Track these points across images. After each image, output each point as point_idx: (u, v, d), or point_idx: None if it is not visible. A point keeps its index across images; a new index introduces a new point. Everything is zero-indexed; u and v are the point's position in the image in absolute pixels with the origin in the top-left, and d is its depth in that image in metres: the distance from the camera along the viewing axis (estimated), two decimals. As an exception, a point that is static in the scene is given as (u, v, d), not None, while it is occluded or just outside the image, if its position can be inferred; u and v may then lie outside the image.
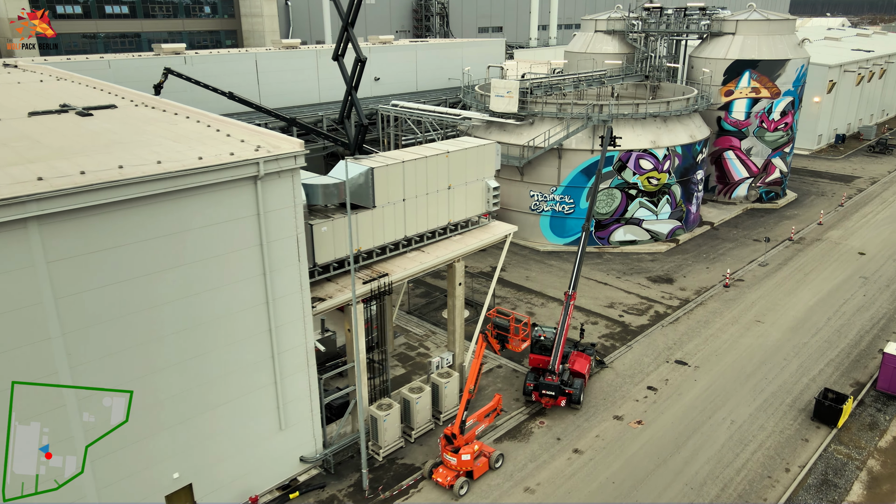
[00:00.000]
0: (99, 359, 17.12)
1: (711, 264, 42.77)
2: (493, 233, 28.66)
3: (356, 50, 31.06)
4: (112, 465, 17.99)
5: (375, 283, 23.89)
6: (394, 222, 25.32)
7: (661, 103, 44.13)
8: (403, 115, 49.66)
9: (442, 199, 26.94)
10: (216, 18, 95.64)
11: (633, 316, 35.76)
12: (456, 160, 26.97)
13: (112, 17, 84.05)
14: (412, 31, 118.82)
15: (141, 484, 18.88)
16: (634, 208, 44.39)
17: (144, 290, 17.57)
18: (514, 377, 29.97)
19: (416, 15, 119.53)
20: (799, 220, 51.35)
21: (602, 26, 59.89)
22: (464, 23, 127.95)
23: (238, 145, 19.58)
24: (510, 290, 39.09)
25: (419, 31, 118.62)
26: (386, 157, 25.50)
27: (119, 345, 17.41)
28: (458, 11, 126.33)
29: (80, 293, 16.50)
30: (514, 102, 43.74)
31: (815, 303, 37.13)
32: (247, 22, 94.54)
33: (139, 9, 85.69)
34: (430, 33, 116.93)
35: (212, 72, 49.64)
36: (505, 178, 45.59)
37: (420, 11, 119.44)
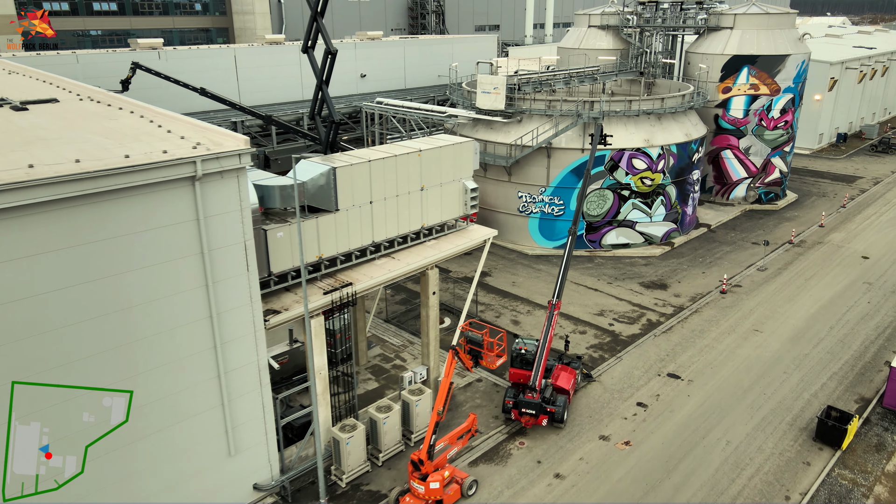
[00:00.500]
0: (6, 385, 15.11)
1: (708, 269, 40.76)
2: (470, 237, 26.67)
3: (326, 41, 29.09)
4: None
5: (337, 293, 21.90)
6: (360, 227, 23.31)
7: (655, 100, 42.11)
8: (388, 112, 47.71)
9: (414, 202, 24.93)
10: (207, 16, 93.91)
11: (624, 325, 33.74)
12: (429, 159, 24.97)
13: (101, 15, 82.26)
14: (408, 29, 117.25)
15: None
16: (627, 210, 42.37)
17: (63, 304, 15.55)
18: (495, 392, 27.96)
19: (412, 13, 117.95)
20: (799, 222, 49.35)
21: (596, 21, 57.91)
22: (460, 21, 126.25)
23: (176, 143, 17.56)
24: (495, 296, 37.07)
25: (415, 28, 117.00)
26: (351, 156, 23.49)
27: (32, 368, 15.39)
28: (455, 9, 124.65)
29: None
30: (501, 99, 41.74)
31: (817, 310, 35.12)
32: (239, 19, 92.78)
33: (128, 6, 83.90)
34: (426, 31, 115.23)
35: (188, 68, 47.69)
36: (492, 178, 43.66)
37: (416, 9, 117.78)
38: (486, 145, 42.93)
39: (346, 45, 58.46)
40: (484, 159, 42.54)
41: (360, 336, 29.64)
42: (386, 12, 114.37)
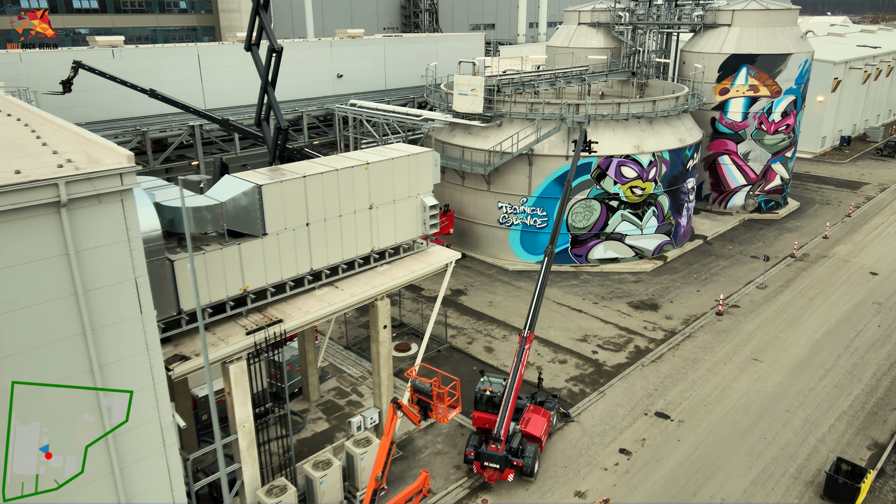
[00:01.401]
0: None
1: (703, 286, 37.49)
2: (430, 261, 23.38)
3: (269, 38, 25.82)
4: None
5: (263, 332, 18.63)
6: (294, 253, 20.03)
7: (645, 103, 38.82)
8: (361, 115, 44.45)
9: (362, 222, 21.66)
10: (193, 14, 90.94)
11: (610, 352, 30.47)
12: (379, 173, 21.70)
13: (81, 13, 79.20)
14: (400, 28, 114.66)
15: None
16: (616, 222, 39.10)
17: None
18: (460, 435, 24.70)
19: (405, 11, 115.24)
20: (802, 233, 46.09)
21: (586, 18, 54.64)
22: (454, 19, 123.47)
23: (44, 159, 14.26)
24: (469, 318, 33.80)
25: (408, 27, 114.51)
26: (283, 170, 20.19)
27: None
28: (449, 8, 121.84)
29: None
30: (479, 102, 38.47)
31: (822, 335, 31.85)
32: (225, 18, 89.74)
33: (110, 4, 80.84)
34: (420, 30, 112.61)
35: (145, 67, 44.43)
36: (470, 187, 40.42)
37: (409, 7, 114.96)
38: (464, 151, 39.71)
39: (322, 44, 55.28)
40: (461, 167, 39.33)
41: (311, 368, 26.39)
42: (378, 11, 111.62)
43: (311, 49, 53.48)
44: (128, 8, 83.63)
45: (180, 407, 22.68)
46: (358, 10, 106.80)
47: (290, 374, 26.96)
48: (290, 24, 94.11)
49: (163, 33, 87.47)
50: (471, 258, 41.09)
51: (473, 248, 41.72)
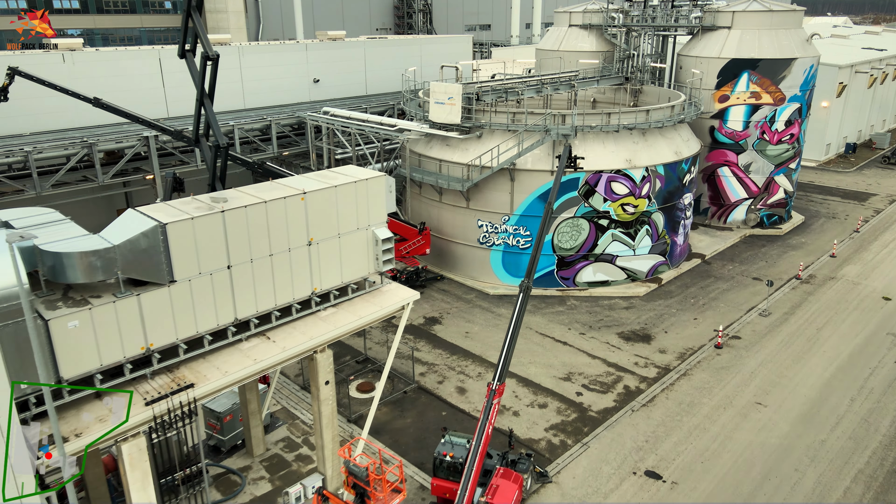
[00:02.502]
0: None
1: (701, 313, 34.31)
2: (382, 303, 20.16)
3: (203, 43, 22.63)
4: None
5: (166, 401, 15.44)
6: (213, 302, 16.83)
7: (638, 112, 35.61)
8: (333, 125, 41.32)
9: (299, 261, 18.46)
10: (178, 15, 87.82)
11: (596, 394, 27.27)
12: (320, 203, 18.50)
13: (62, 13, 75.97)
14: (394, 29, 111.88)
15: None
16: (606, 242, 35.91)
17: None
18: (420, 500, 21.51)
19: (398, 12, 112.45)
20: (807, 251, 42.91)
21: (577, 20, 51.48)
22: (449, 20, 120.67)
23: None
24: (442, 352, 30.60)
25: (401, 28, 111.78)
26: (197, 202, 16.98)
27: None
28: (444, 8, 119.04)
29: None
30: (457, 111, 35.28)
31: (833, 373, 28.67)
32: (212, 18, 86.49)
33: (91, 4, 77.77)
34: (413, 31, 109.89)
35: (100, 73, 41.23)
36: (448, 203, 37.25)
37: (402, 8, 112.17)
38: (441, 165, 36.54)
39: (296, 46, 52.07)
40: (437, 182, 36.16)
41: (254, 419, 23.17)
42: (370, 11, 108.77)
43: (283, 52, 50.28)
44: (110, 8, 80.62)
45: (90, 473, 19.53)
46: (349, 10, 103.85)
47: (231, 426, 23.79)
48: (279, 25, 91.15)
49: (147, 34, 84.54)
50: (449, 280, 37.90)
51: (452, 269, 38.54)
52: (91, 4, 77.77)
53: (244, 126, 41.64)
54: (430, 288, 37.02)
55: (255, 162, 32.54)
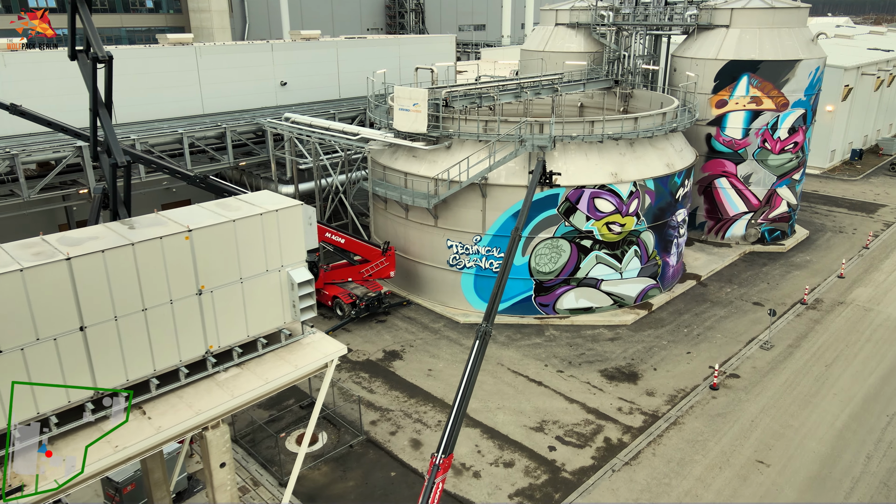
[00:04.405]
0: None
1: (694, 346, 30.61)
2: (298, 362, 16.38)
3: (92, 43, 18.96)
4: None
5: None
6: (59, 373, 13.11)
7: (625, 121, 31.89)
8: (293, 133, 37.69)
9: (186, 314, 14.73)
10: (161, 14, 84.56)
11: (572, 449, 23.55)
12: (213, 242, 14.78)
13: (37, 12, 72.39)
14: (385, 30, 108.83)
15: None
16: (589, 265, 32.20)
17: None
18: None
19: (390, 11, 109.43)
20: (813, 271, 39.20)
21: (564, 18, 47.78)
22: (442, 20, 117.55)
23: None
24: (399, 394, 26.86)
25: (393, 29, 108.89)
26: (40, 246, 13.24)
27: None
28: (437, 8, 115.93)
29: None
30: (423, 119, 31.59)
31: (845, 422, 24.96)
32: (195, 18, 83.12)
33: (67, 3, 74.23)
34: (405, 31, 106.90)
35: (41, 75, 37.51)
36: (415, 221, 33.57)
37: (393, 7, 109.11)
38: (407, 179, 32.86)
39: (261, 47, 48.29)
40: (401, 198, 32.48)
41: (159, 490, 19.41)
42: (361, 11, 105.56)
43: (246, 53, 46.52)
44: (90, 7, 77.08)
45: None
46: (339, 10, 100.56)
47: (134, 496, 20.11)
48: (266, 25, 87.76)
49: (128, 34, 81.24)
50: (416, 306, 34.19)
51: (420, 293, 34.84)
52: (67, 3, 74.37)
53: (195, 134, 37.98)
54: (395, 315, 33.33)
55: (197, 176, 28.73)
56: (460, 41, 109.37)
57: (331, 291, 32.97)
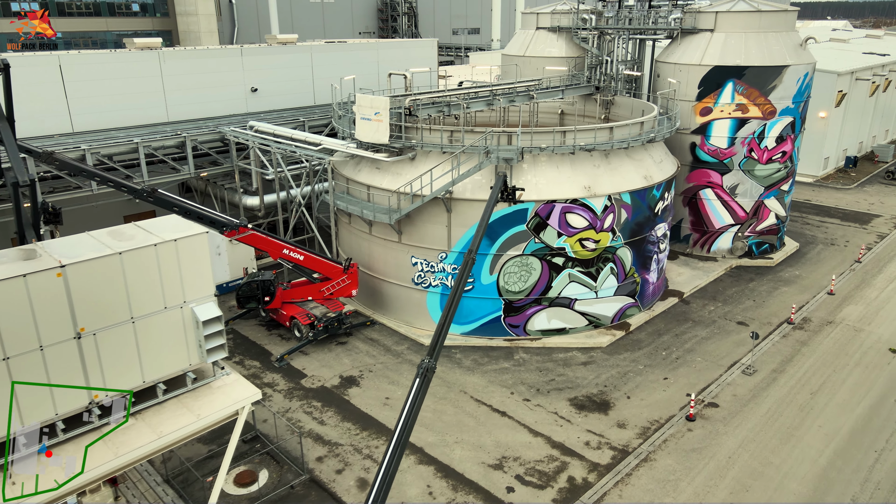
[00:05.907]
0: None
1: (672, 370, 28.71)
2: (202, 411, 14.51)
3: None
4: None
5: None
6: None
7: (598, 130, 30.03)
8: (255, 142, 35.88)
9: (61, 361, 12.89)
10: (147, 17, 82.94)
11: (531, 490, 21.64)
12: (92, 278, 12.93)
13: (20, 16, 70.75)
14: (377, 33, 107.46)
15: None
16: (562, 284, 30.32)
17: None
18: None
19: (382, 15, 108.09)
20: (802, 287, 37.31)
21: (545, 22, 45.99)
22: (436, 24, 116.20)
23: None
24: (351, 426, 24.94)
25: (385, 32, 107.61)
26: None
27: None
28: (430, 11, 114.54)
29: None
30: (384, 128, 29.75)
31: (830, 459, 23.05)
32: (182, 21, 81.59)
33: (52, 6, 72.67)
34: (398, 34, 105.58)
35: None
36: (379, 236, 31.73)
37: (386, 11, 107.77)
38: (370, 192, 31.02)
39: (230, 51, 46.50)
40: (362, 212, 30.64)
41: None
42: (353, 14, 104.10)
43: (214, 58, 44.73)
44: (73, 11, 75.66)
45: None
46: (330, 14, 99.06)
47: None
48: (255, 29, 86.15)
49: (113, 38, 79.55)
50: (380, 326, 32.31)
51: (384, 312, 32.98)
52: (52, 6, 72.72)
53: (152, 143, 36.14)
54: (357, 336, 31.45)
55: (145, 189, 26.87)
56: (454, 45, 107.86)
57: (289, 311, 31.09)
